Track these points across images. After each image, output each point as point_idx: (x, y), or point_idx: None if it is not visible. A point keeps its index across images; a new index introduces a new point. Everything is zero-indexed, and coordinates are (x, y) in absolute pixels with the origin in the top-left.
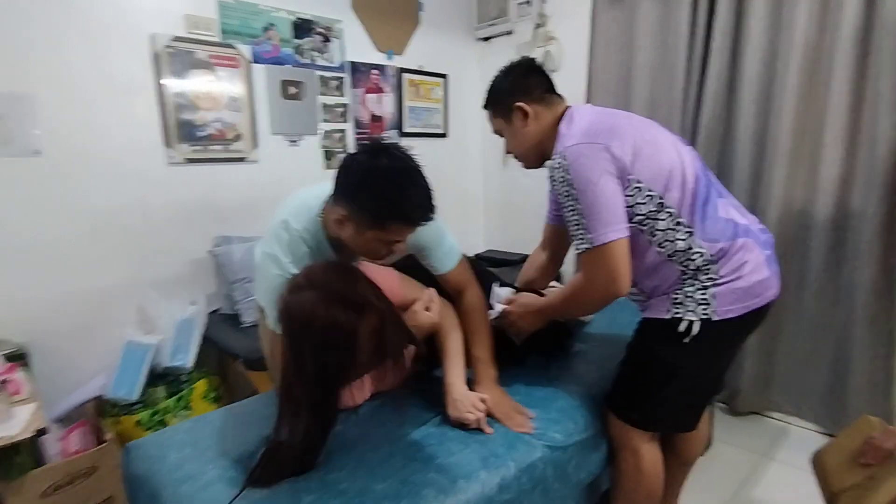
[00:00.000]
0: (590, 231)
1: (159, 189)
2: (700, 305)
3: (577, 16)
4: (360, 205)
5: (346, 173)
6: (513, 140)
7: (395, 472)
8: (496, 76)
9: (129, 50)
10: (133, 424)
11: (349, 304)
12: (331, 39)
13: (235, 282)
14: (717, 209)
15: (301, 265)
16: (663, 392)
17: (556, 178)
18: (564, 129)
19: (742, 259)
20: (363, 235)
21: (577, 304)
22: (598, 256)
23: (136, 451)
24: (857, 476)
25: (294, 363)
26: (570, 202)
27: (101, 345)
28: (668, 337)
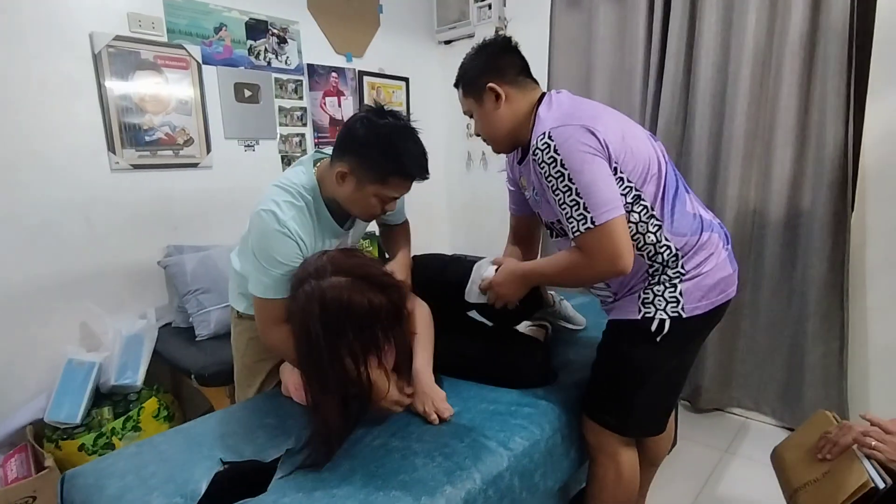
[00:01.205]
0: (590, 210)
1: (103, 196)
2: (669, 303)
3: (537, 19)
4: (364, 158)
5: (349, 132)
6: (483, 122)
7: (356, 492)
8: (468, 54)
9: (66, 49)
10: (75, 449)
11: (376, 285)
12: (287, 41)
13: (188, 293)
14: (685, 203)
15: (299, 221)
16: (639, 394)
17: (543, 160)
18: (544, 113)
19: (707, 253)
20: (363, 191)
21: (574, 278)
22: (600, 235)
23: (72, 481)
24: (815, 471)
25: (328, 344)
26: (563, 182)
27: (40, 364)
28: (641, 338)
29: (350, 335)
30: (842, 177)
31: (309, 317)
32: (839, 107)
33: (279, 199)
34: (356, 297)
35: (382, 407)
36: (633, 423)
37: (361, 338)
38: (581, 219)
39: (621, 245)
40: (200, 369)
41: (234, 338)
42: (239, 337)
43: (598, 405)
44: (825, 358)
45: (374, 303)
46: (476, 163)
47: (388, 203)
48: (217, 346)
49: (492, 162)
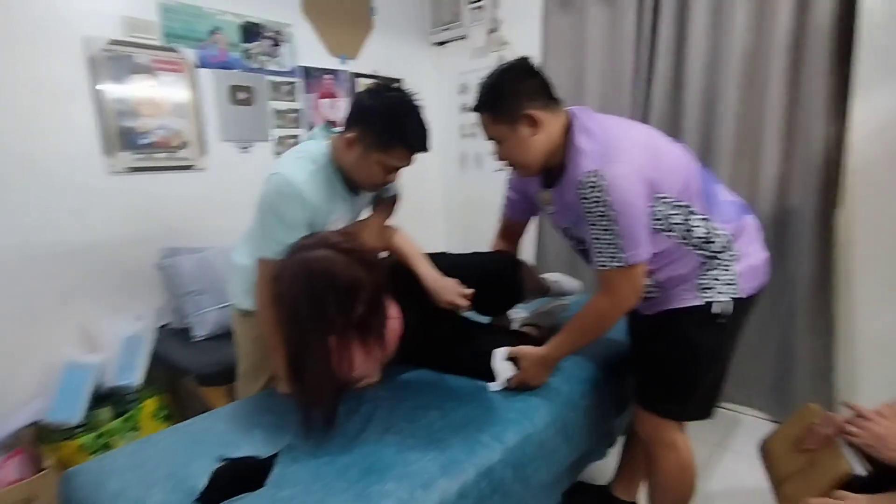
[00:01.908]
0: (624, 251)
1: (99, 199)
2: (728, 286)
3: (529, 21)
4: (369, 126)
5: (357, 101)
6: (517, 150)
7: (352, 485)
8: (492, 76)
9: (61, 53)
10: (76, 449)
11: (362, 261)
12: (281, 44)
13: (185, 295)
14: (719, 193)
15: (310, 184)
16: (703, 378)
17: (589, 197)
18: (582, 144)
19: (751, 235)
20: (367, 158)
21: (600, 327)
22: (628, 274)
23: (73, 479)
24: (800, 462)
25: (310, 311)
26: (604, 222)
27: (39, 366)
28: (706, 322)
29: (332, 306)
30: (829, 174)
31: (294, 284)
32: (825, 105)
33: (293, 163)
34: (341, 269)
35: (361, 387)
36: (693, 407)
37: (342, 310)
38: (612, 256)
39: (641, 283)
40: (198, 369)
41: (240, 335)
42: (245, 335)
43: (658, 394)
44: (814, 353)
45: (357, 277)
46: (470, 162)
47: (391, 173)
48: (214, 347)
49: (486, 162)
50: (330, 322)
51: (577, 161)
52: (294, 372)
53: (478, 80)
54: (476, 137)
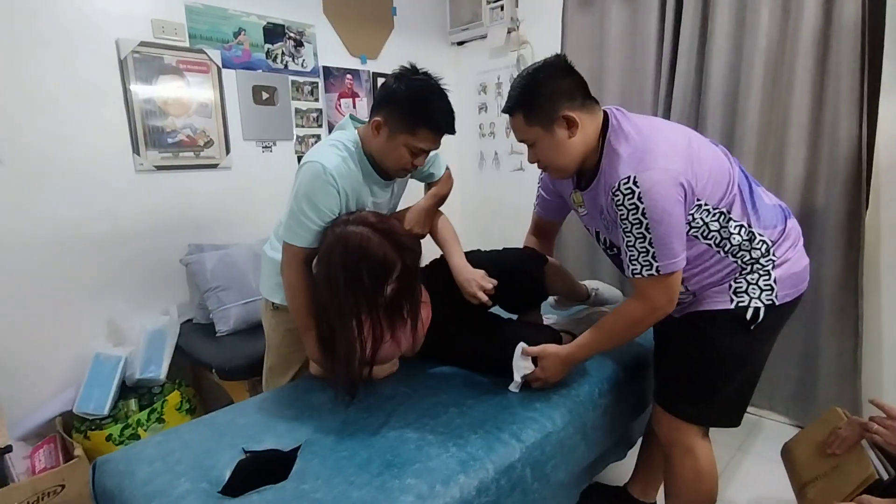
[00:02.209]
0: (658, 259)
1: (128, 197)
2: (764, 291)
3: (549, 19)
4: (396, 109)
5: (384, 86)
6: (552, 152)
7: (372, 479)
8: (526, 75)
9: (94, 56)
10: (103, 439)
11: (395, 243)
12: (303, 44)
13: (208, 291)
14: (762, 197)
15: (343, 171)
16: (727, 383)
17: (624, 204)
18: (619, 147)
19: (793, 240)
20: (394, 141)
21: (630, 331)
22: (663, 283)
23: (104, 467)
24: (824, 466)
25: (345, 280)
26: (638, 229)
27: (69, 358)
28: (734, 326)
29: (365, 280)
30: (855, 175)
31: (331, 255)
32: (852, 105)
33: (325, 151)
34: (374, 247)
35: (383, 372)
36: (716, 413)
37: (373, 286)
38: (647, 264)
39: (677, 290)
40: (220, 364)
41: (271, 329)
42: (276, 328)
43: (677, 395)
44: (839, 356)
45: (389, 257)
46: (489, 162)
47: (418, 157)
48: (236, 342)
49: (504, 162)
50: (361, 296)
51: (613, 165)
52: (324, 342)
53: (497, 79)
54: (494, 138)
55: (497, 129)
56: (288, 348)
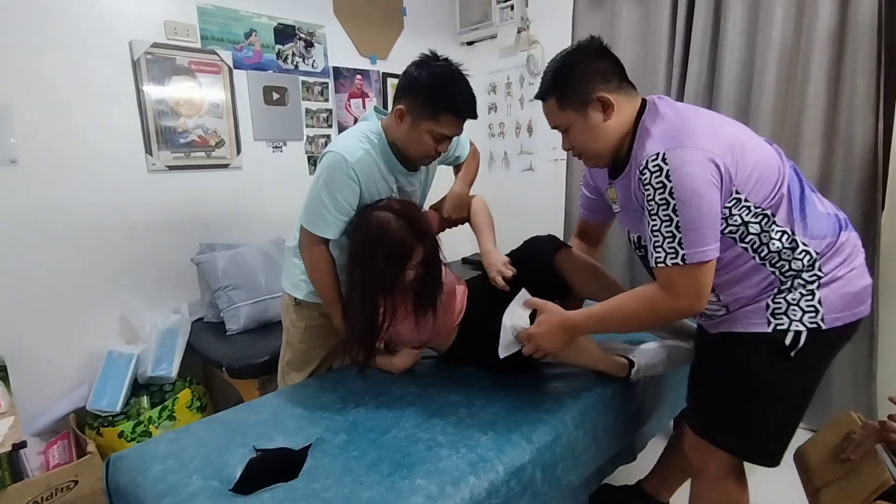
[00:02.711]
0: (684, 247)
1: (140, 196)
2: (806, 313)
3: (559, 19)
4: (418, 96)
5: (405, 75)
6: (586, 136)
7: (382, 479)
8: (559, 59)
9: (108, 57)
10: (115, 436)
11: (414, 229)
12: (313, 45)
13: (219, 290)
14: (815, 204)
15: (364, 164)
16: (770, 416)
17: (651, 183)
18: (652, 127)
19: (846, 255)
20: (417, 128)
21: (647, 320)
22: (688, 274)
23: (118, 464)
24: (839, 471)
25: (362, 260)
26: (665, 211)
27: (82, 355)
28: (772, 353)
29: (380, 262)
30: (871, 176)
31: (355, 235)
32: (868, 104)
33: (349, 141)
34: (392, 230)
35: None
36: (758, 447)
37: (391, 269)
38: (672, 252)
39: (707, 287)
40: (231, 362)
41: (291, 324)
42: (296, 324)
43: (716, 424)
44: (854, 360)
45: (407, 242)
46: (498, 163)
47: (441, 143)
48: (246, 341)
49: (514, 162)
50: (377, 277)
51: (643, 145)
52: (346, 313)
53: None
54: (504, 138)
55: (507, 130)
56: (307, 345)
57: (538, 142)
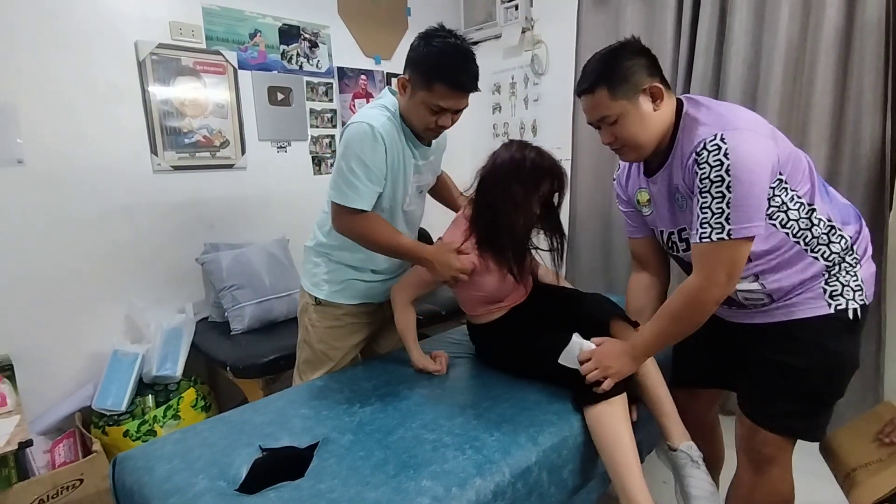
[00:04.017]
0: (731, 221)
1: (145, 197)
2: (856, 292)
3: (564, 19)
4: (416, 66)
5: (412, 47)
6: (636, 126)
7: (388, 480)
8: (604, 54)
9: (114, 57)
10: (121, 435)
11: (551, 163)
12: (318, 45)
13: (224, 289)
14: (836, 196)
15: (387, 129)
16: (840, 392)
17: (707, 161)
18: (699, 115)
19: (867, 241)
20: (415, 98)
21: (689, 313)
22: (727, 250)
23: (124, 464)
24: (879, 454)
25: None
26: (718, 189)
27: (88, 354)
28: (844, 330)
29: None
30: (878, 175)
31: (497, 155)
32: (875, 104)
33: (370, 111)
34: (530, 156)
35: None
36: (822, 424)
37: (526, 188)
38: (718, 227)
39: (740, 266)
40: (235, 362)
41: (310, 324)
42: (316, 324)
43: (785, 411)
44: (862, 360)
45: (545, 166)
46: None
47: (440, 116)
48: (251, 340)
49: None
50: (514, 193)
51: (692, 132)
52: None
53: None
54: (508, 137)
55: (511, 130)
56: (327, 345)
57: (542, 142)
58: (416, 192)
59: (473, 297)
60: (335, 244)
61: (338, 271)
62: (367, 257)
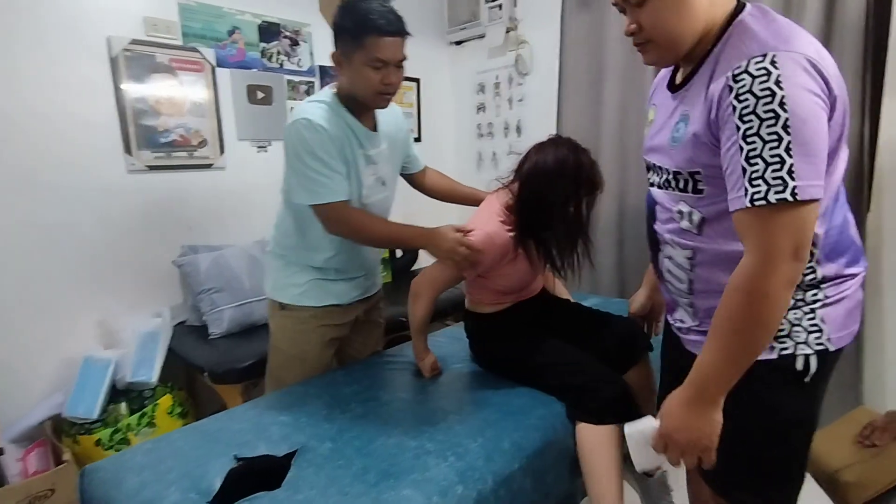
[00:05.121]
0: (796, 176)
1: (119, 197)
2: (811, 333)
3: (548, 19)
4: (342, 34)
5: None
6: (669, 10)
7: (368, 490)
8: None
9: (85, 54)
10: (93, 444)
11: (592, 172)
12: (299, 43)
13: (202, 292)
14: (850, 224)
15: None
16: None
17: (751, 91)
18: (755, 25)
19: (855, 287)
20: (352, 65)
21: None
22: (792, 217)
23: (92, 475)
24: (862, 455)
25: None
26: (772, 129)
27: (60, 361)
28: (784, 382)
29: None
30: (857, 177)
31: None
32: (855, 105)
33: (305, 107)
34: (571, 159)
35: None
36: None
37: (566, 189)
38: (778, 183)
39: (807, 241)
40: (213, 367)
41: (278, 329)
42: (284, 329)
43: (734, 480)
44: (840, 362)
45: (586, 172)
46: (487, 163)
47: (384, 72)
48: (230, 345)
49: (502, 162)
50: (561, 192)
51: (740, 43)
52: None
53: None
54: (493, 138)
55: (495, 130)
56: (296, 350)
57: (527, 142)
58: (375, 183)
59: (494, 286)
60: (291, 244)
61: (299, 273)
62: (329, 257)
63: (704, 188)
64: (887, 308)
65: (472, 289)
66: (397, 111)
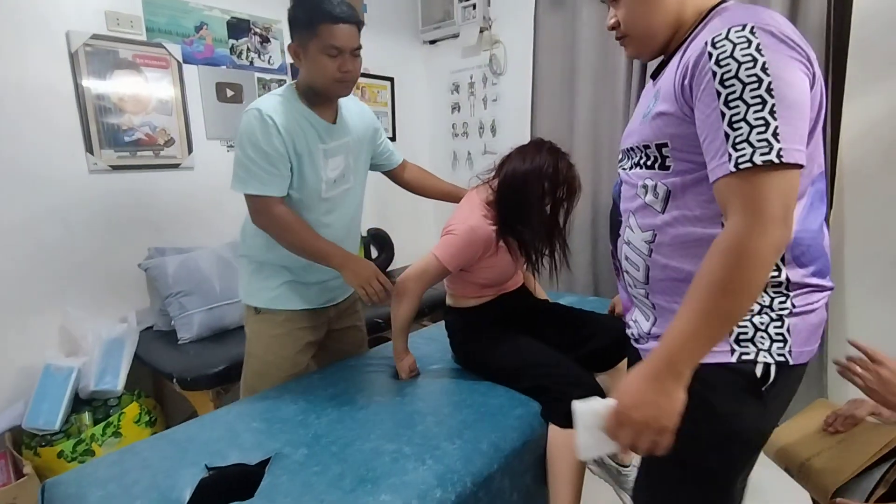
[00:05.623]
0: (781, 139)
1: (81, 198)
2: (774, 342)
3: (521, 19)
4: (296, 25)
5: (288, 16)
6: (639, 6)
7: (345, 496)
8: None
9: (42, 49)
10: (54, 456)
11: (570, 174)
12: (269, 40)
13: (170, 296)
14: (825, 234)
15: (280, 110)
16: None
17: (733, 56)
18: (735, 9)
19: (818, 288)
20: (308, 54)
21: (741, 270)
22: (778, 181)
23: (54, 489)
24: (827, 442)
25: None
26: (755, 92)
27: (18, 369)
28: (743, 389)
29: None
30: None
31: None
32: None
33: (262, 98)
34: (552, 163)
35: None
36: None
37: (552, 191)
38: (763, 145)
39: (792, 205)
40: (183, 373)
41: (253, 334)
42: (259, 335)
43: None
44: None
45: (563, 174)
46: (462, 163)
47: (340, 59)
48: (200, 350)
49: (477, 162)
50: (539, 193)
51: (718, 21)
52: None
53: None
54: (468, 138)
55: (470, 130)
56: (272, 355)
57: (502, 142)
58: (339, 176)
59: (476, 279)
60: (257, 244)
61: (272, 277)
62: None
63: (672, 164)
64: (849, 303)
65: (453, 284)
66: (364, 106)
